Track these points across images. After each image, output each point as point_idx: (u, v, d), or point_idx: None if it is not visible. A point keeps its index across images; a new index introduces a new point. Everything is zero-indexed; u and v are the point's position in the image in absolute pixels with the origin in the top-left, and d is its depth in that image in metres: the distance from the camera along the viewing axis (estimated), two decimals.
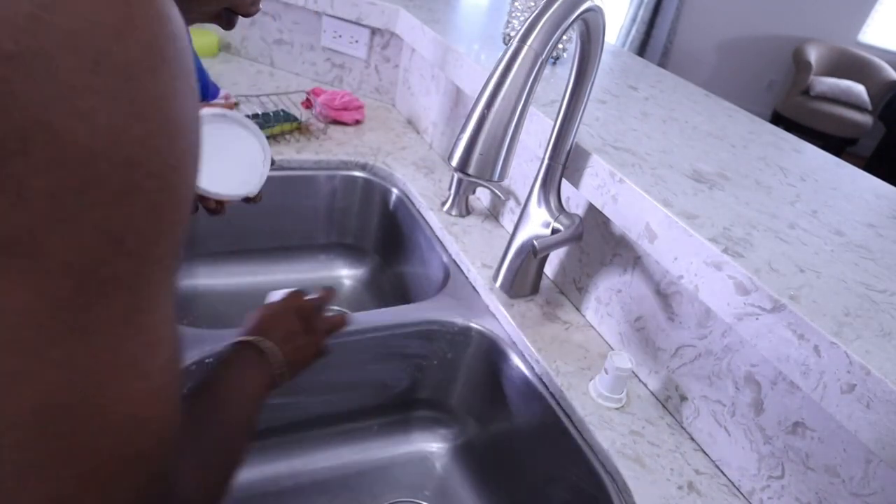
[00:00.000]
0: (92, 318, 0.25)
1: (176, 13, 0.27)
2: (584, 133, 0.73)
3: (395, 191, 1.07)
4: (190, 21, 0.49)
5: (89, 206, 0.24)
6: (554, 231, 0.74)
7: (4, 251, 0.23)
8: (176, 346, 0.30)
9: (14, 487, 0.26)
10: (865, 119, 4.23)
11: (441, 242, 0.94)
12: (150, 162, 0.25)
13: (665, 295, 0.68)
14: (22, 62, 0.22)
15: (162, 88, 0.26)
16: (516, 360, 0.76)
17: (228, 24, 0.54)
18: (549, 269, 0.87)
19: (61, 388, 0.25)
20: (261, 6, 0.57)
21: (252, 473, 0.77)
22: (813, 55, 4.43)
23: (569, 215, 0.74)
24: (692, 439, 0.65)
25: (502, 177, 0.56)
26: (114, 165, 0.24)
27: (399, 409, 0.87)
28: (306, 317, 0.63)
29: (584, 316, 0.81)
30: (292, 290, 0.67)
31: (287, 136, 1.08)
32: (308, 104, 1.19)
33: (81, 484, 0.27)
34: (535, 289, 0.82)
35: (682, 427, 0.67)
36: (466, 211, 0.98)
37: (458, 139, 0.55)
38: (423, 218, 0.99)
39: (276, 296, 0.66)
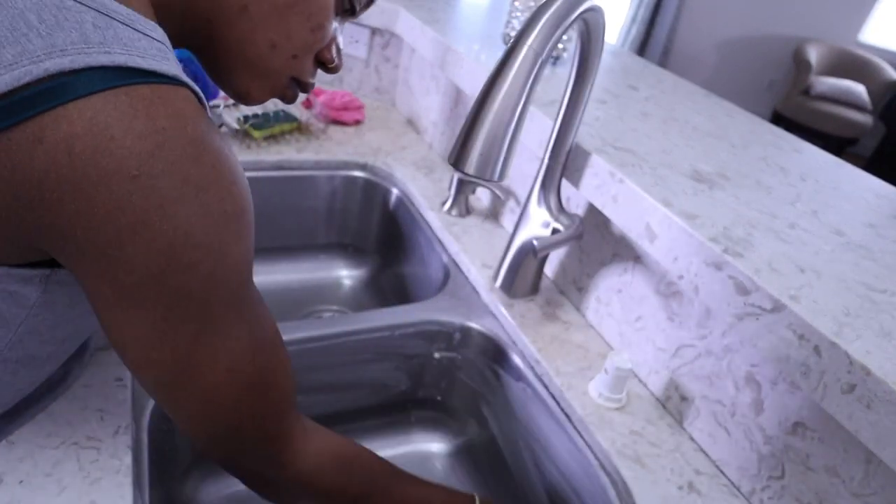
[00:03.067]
0: (172, 336, 0.39)
1: (221, 139, 0.39)
2: (584, 133, 0.73)
3: (395, 191, 1.07)
4: (257, 101, 0.51)
5: (170, 274, 0.36)
6: (554, 231, 0.74)
7: (124, 296, 0.37)
8: (245, 355, 0.42)
9: (163, 407, 0.43)
10: (865, 119, 4.23)
11: (441, 242, 0.94)
12: (211, 242, 0.37)
13: (665, 295, 0.68)
14: (140, 182, 0.34)
15: (221, 192, 0.37)
16: (516, 360, 0.76)
17: (293, 97, 0.53)
18: (549, 269, 0.87)
19: (161, 373, 0.40)
20: (339, 61, 0.53)
21: None
22: (813, 55, 4.43)
23: (569, 215, 0.74)
24: (692, 439, 0.65)
25: (502, 177, 0.56)
26: (185, 249, 0.36)
27: (399, 409, 0.87)
28: None
29: (584, 316, 0.81)
30: None
31: (287, 136, 1.08)
32: (308, 104, 1.19)
33: (186, 422, 0.43)
34: (535, 289, 0.82)
35: (682, 427, 0.67)
36: (466, 211, 0.98)
37: (457, 139, 0.55)
38: (423, 218, 0.99)
39: None
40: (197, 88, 0.39)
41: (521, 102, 0.54)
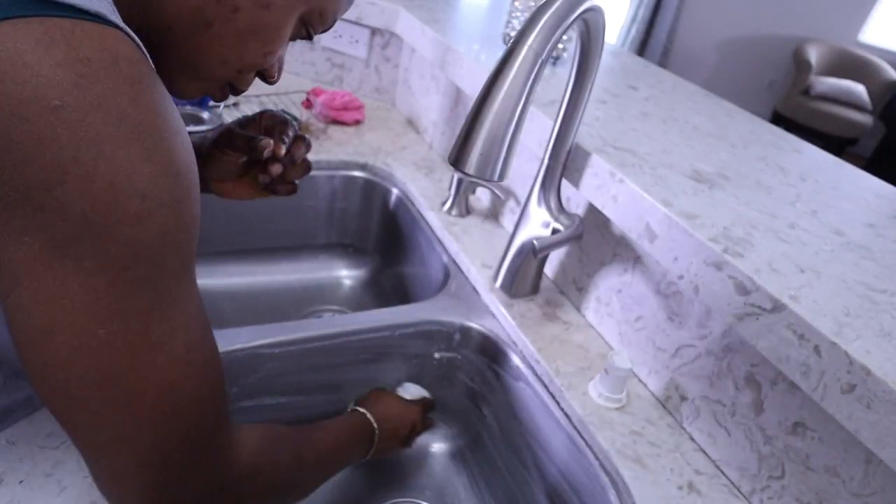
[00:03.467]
0: (123, 308, 0.34)
1: (165, 92, 0.37)
2: (584, 133, 0.73)
3: (395, 191, 1.07)
4: (189, 98, 0.50)
5: (114, 226, 0.32)
6: (554, 231, 0.74)
7: (56, 253, 0.32)
8: (199, 332, 0.39)
9: (84, 430, 0.36)
10: (865, 119, 4.23)
11: (441, 242, 0.94)
12: (160, 195, 0.34)
13: (665, 295, 0.68)
14: (64, 114, 0.30)
15: (165, 142, 0.34)
16: (516, 360, 0.76)
17: (223, 98, 0.53)
18: (549, 269, 0.87)
19: (107, 359, 0.34)
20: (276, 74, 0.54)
21: None
22: (813, 55, 4.43)
23: (569, 215, 0.74)
24: (692, 439, 0.65)
25: (502, 177, 0.56)
26: (130, 196, 0.32)
27: None
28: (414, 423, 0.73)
29: (584, 316, 0.81)
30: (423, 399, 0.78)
31: None
32: (308, 104, 1.19)
33: (132, 429, 0.36)
34: (535, 289, 0.82)
35: (682, 427, 0.67)
36: (466, 211, 0.98)
37: (457, 139, 0.55)
38: (423, 218, 0.99)
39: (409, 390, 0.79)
40: (137, 39, 0.36)
41: (521, 102, 0.54)
